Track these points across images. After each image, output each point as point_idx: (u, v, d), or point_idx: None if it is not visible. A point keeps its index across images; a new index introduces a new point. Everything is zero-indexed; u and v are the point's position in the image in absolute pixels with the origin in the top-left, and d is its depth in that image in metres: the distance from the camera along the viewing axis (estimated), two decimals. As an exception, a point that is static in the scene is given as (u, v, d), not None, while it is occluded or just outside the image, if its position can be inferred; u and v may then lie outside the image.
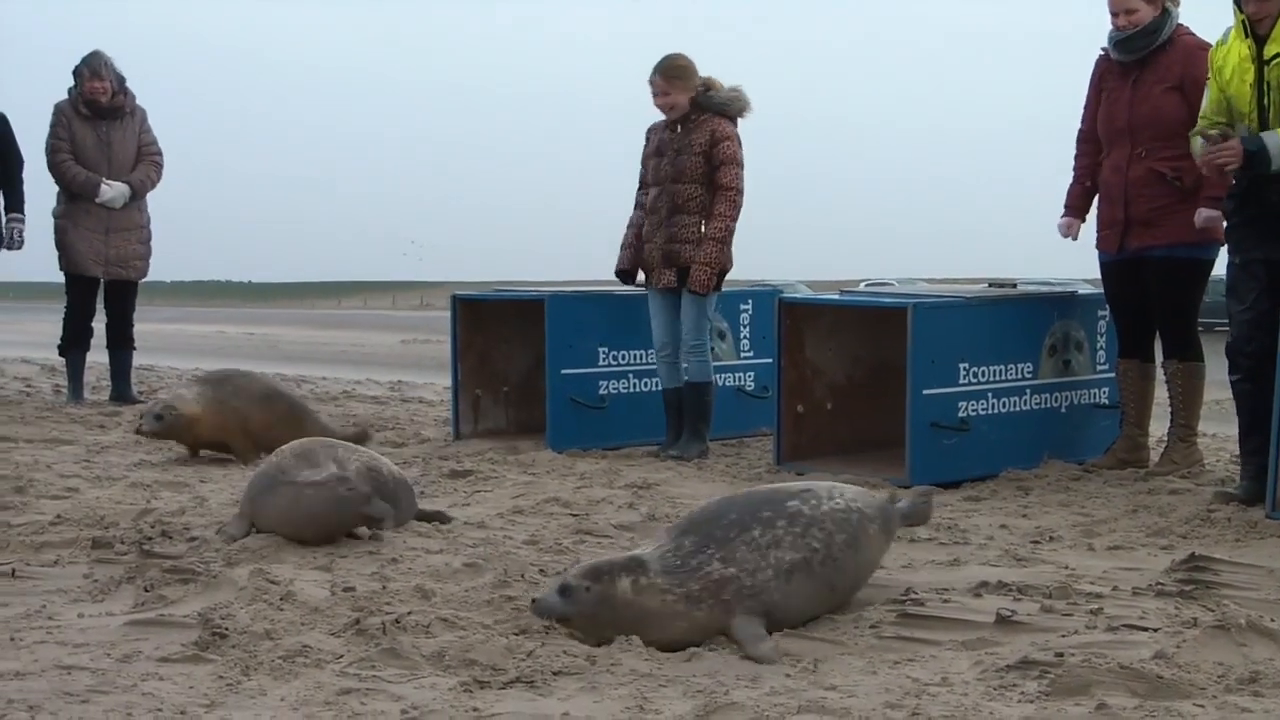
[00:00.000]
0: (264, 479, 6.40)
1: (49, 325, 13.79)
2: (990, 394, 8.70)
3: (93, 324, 12.97)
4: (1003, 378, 8.76)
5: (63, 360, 13.52)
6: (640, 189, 10.00)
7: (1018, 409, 8.87)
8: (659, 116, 9.81)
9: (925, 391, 8.40)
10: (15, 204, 12.65)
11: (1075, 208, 9.07)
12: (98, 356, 13.48)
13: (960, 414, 8.55)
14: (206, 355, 23.32)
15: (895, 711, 4.06)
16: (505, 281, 13.45)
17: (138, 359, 13.22)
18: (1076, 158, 9.04)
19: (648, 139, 9.94)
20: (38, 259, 13.22)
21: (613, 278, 10.24)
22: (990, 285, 9.58)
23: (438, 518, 7.03)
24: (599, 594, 4.77)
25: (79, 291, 12.81)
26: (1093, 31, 9.17)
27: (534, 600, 4.92)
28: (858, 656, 4.75)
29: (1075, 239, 9.04)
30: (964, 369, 8.55)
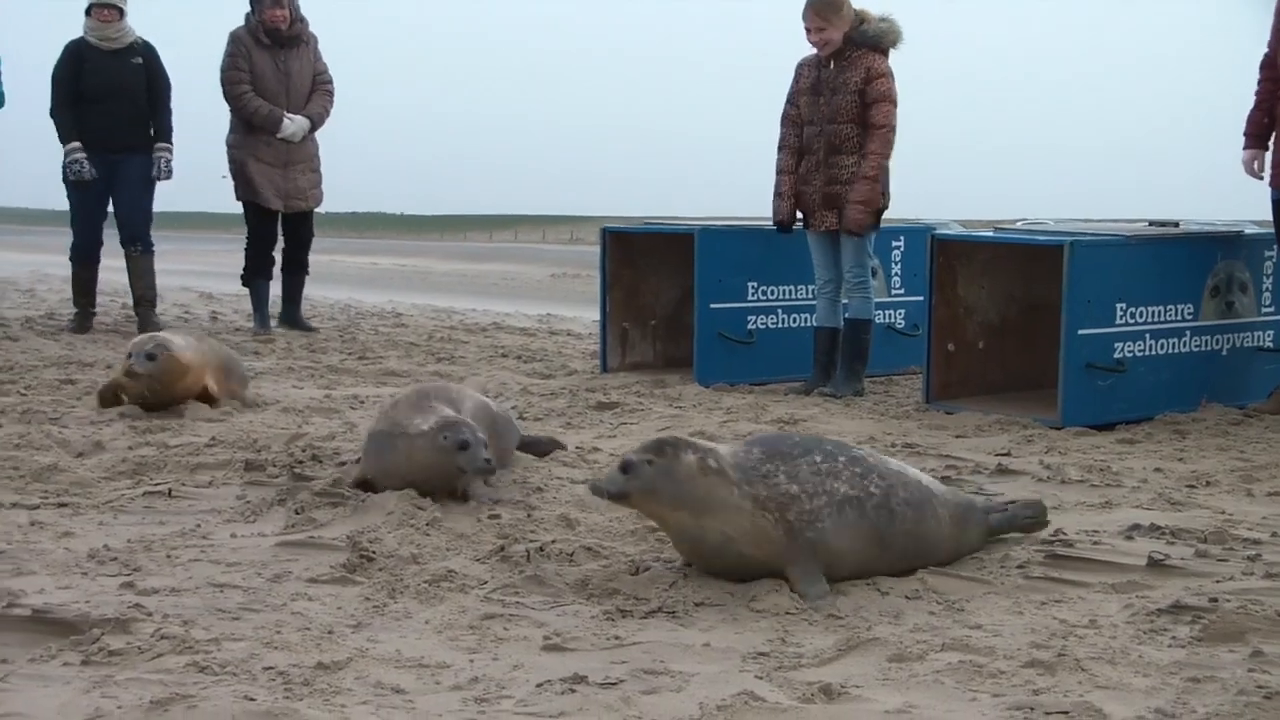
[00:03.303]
0: (382, 438, 6.05)
1: (204, 255, 14.00)
2: (1148, 335, 8.52)
3: (274, 253, 13.13)
4: (1161, 319, 8.57)
5: (215, 289, 13.66)
6: (785, 127, 9.83)
7: (1176, 351, 8.67)
8: (808, 50, 9.65)
9: (1080, 331, 8.24)
10: (163, 134, 12.66)
11: (1255, 136, 8.76)
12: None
13: (1116, 355, 8.38)
14: (359, 285, 23.59)
15: (1041, 652, 4.00)
16: (656, 216, 13.37)
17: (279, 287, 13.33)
18: (1259, 83, 8.73)
19: (797, 75, 9.76)
20: (189, 190, 13.35)
21: (762, 212, 10.15)
22: (1151, 224, 9.35)
23: (551, 445, 7.03)
24: (662, 467, 4.58)
25: (259, 222, 12.91)
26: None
27: (592, 481, 4.74)
28: (1004, 596, 4.68)
29: (1261, 175, 8.72)
30: (1121, 309, 8.38)
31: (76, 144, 12.30)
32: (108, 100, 12.38)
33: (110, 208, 12.71)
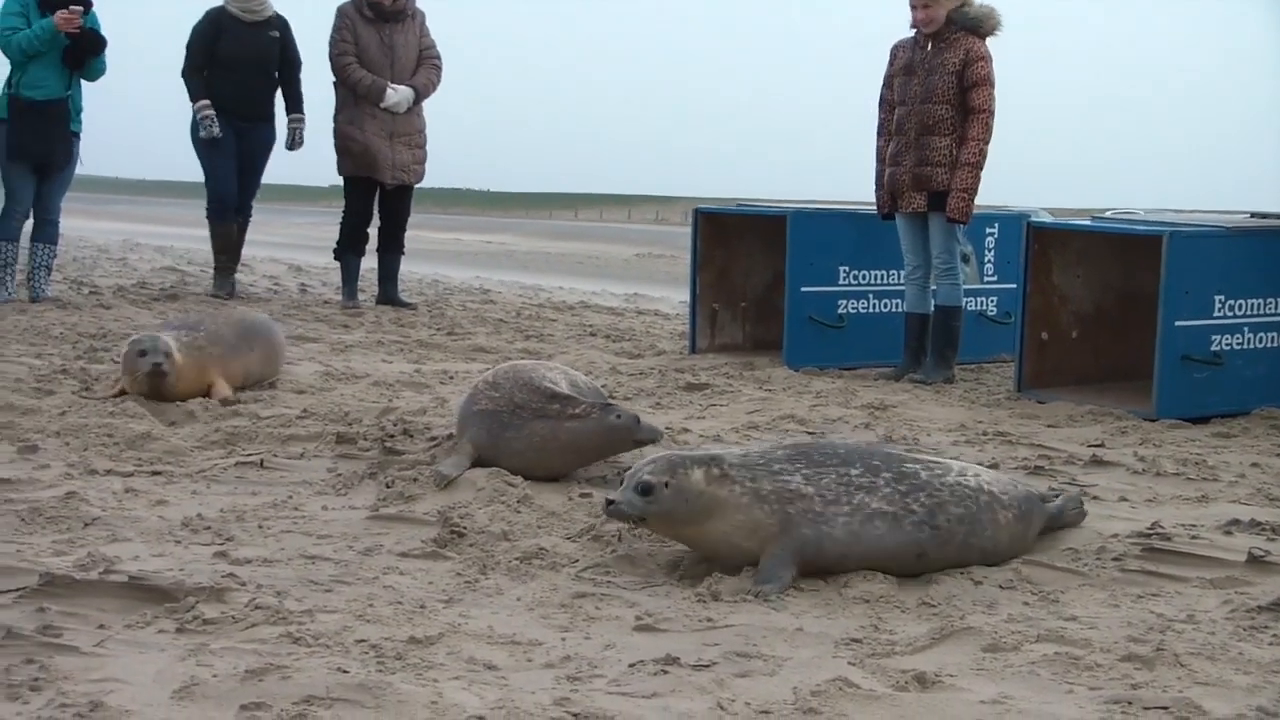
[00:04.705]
0: (498, 416, 5.99)
1: (289, 227, 14.07)
2: (1247, 328, 8.38)
3: (369, 229, 13.20)
4: (1261, 311, 8.43)
5: (303, 261, 13.80)
6: (883, 111, 9.75)
7: (1275, 345, 8.53)
8: (906, 33, 9.56)
9: (1177, 323, 8.12)
10: (296, 105, 13.05)
11: None
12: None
13: (1213, 347, 8.25)
14: (446, 261, 23.68)
15: (1139, 646, 3.95)
16: (743, 197, 13.34)
17: (369, 263, 13.40)
18: None
19: (892, 57, 9.67)
20: (275, 163, 13.48)
21: (854, 196, 10.09)
22: (1253, 216, 9.20)
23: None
24: (675, 487, 4.61)
25: (359, 196, 12.97)
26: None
27: (609, 502, 4.70)
28: (1099, 589, 4.63)
29: None
30: (1220, 301, 8.25)
31: (205, 101, 12.62)
32: (242, 70, 12.70)
33: None
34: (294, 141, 13.07)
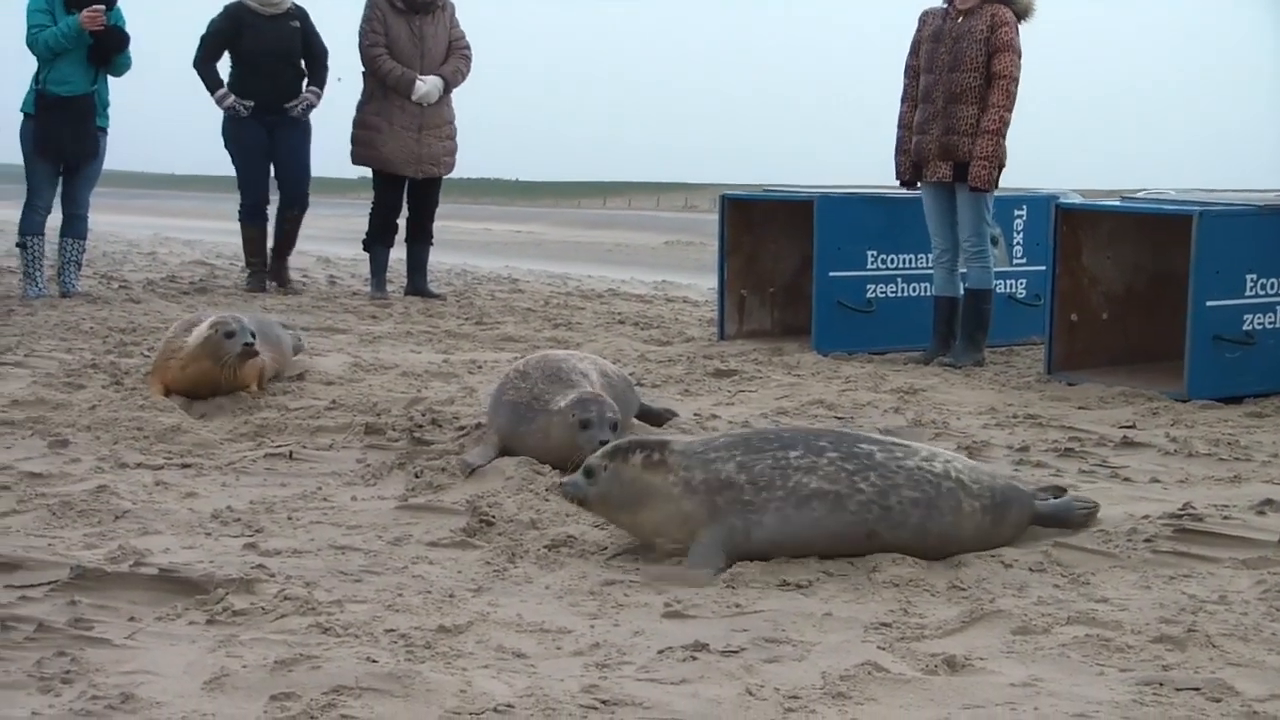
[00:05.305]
0: (518, 408, 6.02)
1: (323, 219, 14.08)
2: (1279, 306, 8.33)
3: (398, 220, 13.20)
4: (1294, 290, 8.39)
5: (331, 253, 13.79)
6: (907, 78, 9.66)
7: (1309, 323, 8.48)
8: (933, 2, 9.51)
9: (1209, 303, 8.08)
10: (317, 83, 13.02)
11: None
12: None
13: (1245, 327, 8.21)
14: (475, 251, 23.69)
15: (1170, 627, 3.93)
16: (772, 184, 13.31)
17: (398, 253, 13.40)
18: None
19: (921, 23, 9.55)
20: (323, 154, 13.49)
21: (884, 181, 10.05)
22: (1284, 194, 9.14)
23: (666, 415, 6.99)
24: (612, 471, 4.68)
25: (388, 188, 12.94)
26: None
27: (561, 484, 4.81)
28: (1130, 570, 4.60)
29: None
30: (1252, 280, 8.20)
31: (224, 89, 12.70)
32: (267, 64, 12.72)
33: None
34: (296, 106, 12.84)
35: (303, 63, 12.96)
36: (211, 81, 12.78)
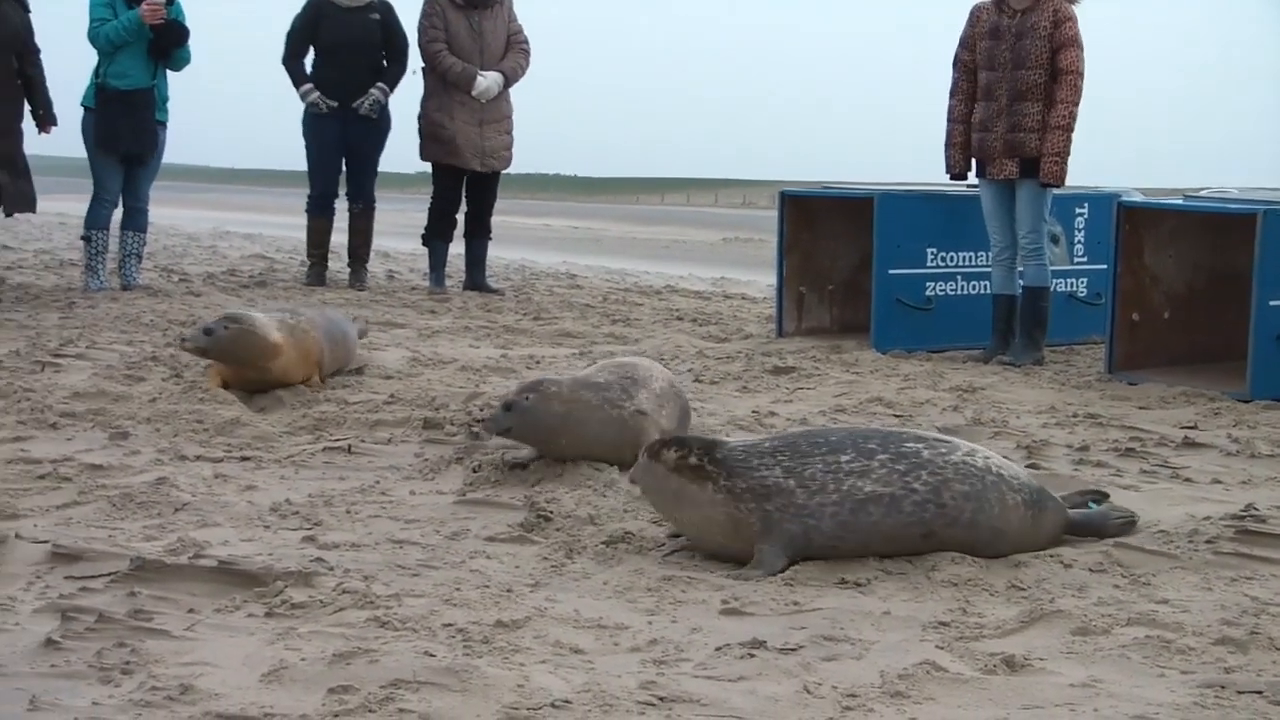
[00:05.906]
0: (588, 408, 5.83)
1: (382, 214, 14.06)
2: (1343, 308, 8.25)
3: (457, 215, 13.22)
4: (1358, 290, 8.29)
5: (389, 247, 13.77)
6: (957, 72, 9.60)
7: (1373, 324, 8.38)
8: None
9: (1272, 303, 8.01)
10: (390, 81, 12.96)
11: None
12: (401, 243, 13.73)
13: (1310, 327, 8.13)
14: (533, 247, 23.71)
15: (1232, 629, 3.89)
16: (830, 180, 13.29)
17: (456, 248, 13.41)
18: None
19: (973, 19, 9.49)
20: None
21: (942, 179, 10.00)
22: (1348, 192, 9.05)
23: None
24: (647, 467, 4.75)
25: (447, 182, 12.99)
26: None
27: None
28: (1192, 571, 4.55)
29: None
30: (1316, 280, 8.13)
31: (309, 85, 12.75)
32: (345, 55, 12.74)
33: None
34: (361, 104, 12.75)
35: (383, 56, 12.93)
36: (297, 77, 12.84)
